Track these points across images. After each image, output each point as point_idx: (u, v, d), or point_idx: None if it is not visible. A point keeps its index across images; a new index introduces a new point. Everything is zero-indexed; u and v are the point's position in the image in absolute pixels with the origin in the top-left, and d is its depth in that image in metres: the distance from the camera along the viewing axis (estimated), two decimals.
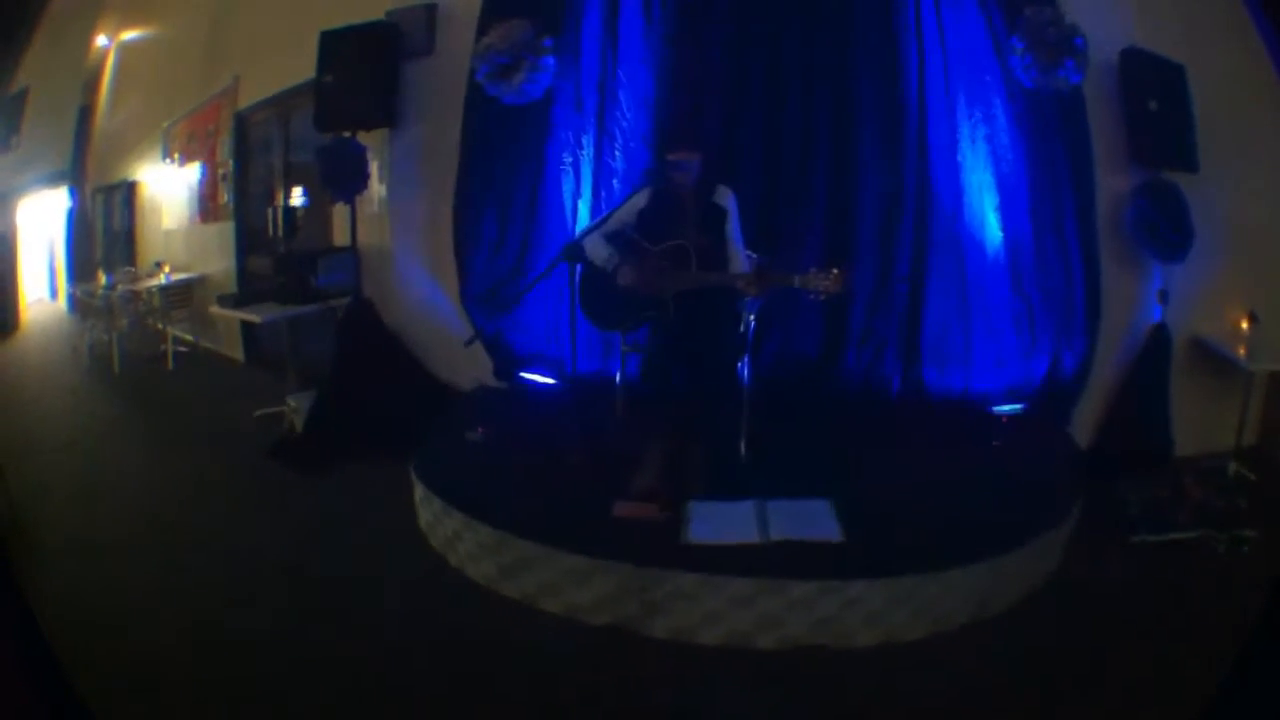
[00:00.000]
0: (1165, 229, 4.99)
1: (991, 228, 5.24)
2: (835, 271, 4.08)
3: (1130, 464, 5.04)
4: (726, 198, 4.53)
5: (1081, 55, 4.89)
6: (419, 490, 4.37)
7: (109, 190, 5.98)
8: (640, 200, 4.62)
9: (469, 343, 4.69)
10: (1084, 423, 5.27)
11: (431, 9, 5.38)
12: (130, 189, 5.96)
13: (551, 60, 5.10)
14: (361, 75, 5.13)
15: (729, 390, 4.54)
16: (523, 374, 5.43)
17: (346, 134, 5.18)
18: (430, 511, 4.28)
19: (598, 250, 4.55)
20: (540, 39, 5.05)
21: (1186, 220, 5.02)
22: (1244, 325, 5.10)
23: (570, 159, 5.35)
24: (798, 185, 5.28)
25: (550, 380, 5.33)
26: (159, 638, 3.58)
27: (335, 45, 5.17)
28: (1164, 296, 5.13)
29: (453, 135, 5.33)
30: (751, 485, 4.18)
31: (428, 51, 5.30)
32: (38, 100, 5.27)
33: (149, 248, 5.93)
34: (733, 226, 4.51)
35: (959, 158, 5.23)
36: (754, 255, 4.66)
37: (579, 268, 4.63)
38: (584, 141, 5.37)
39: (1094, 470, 4.92)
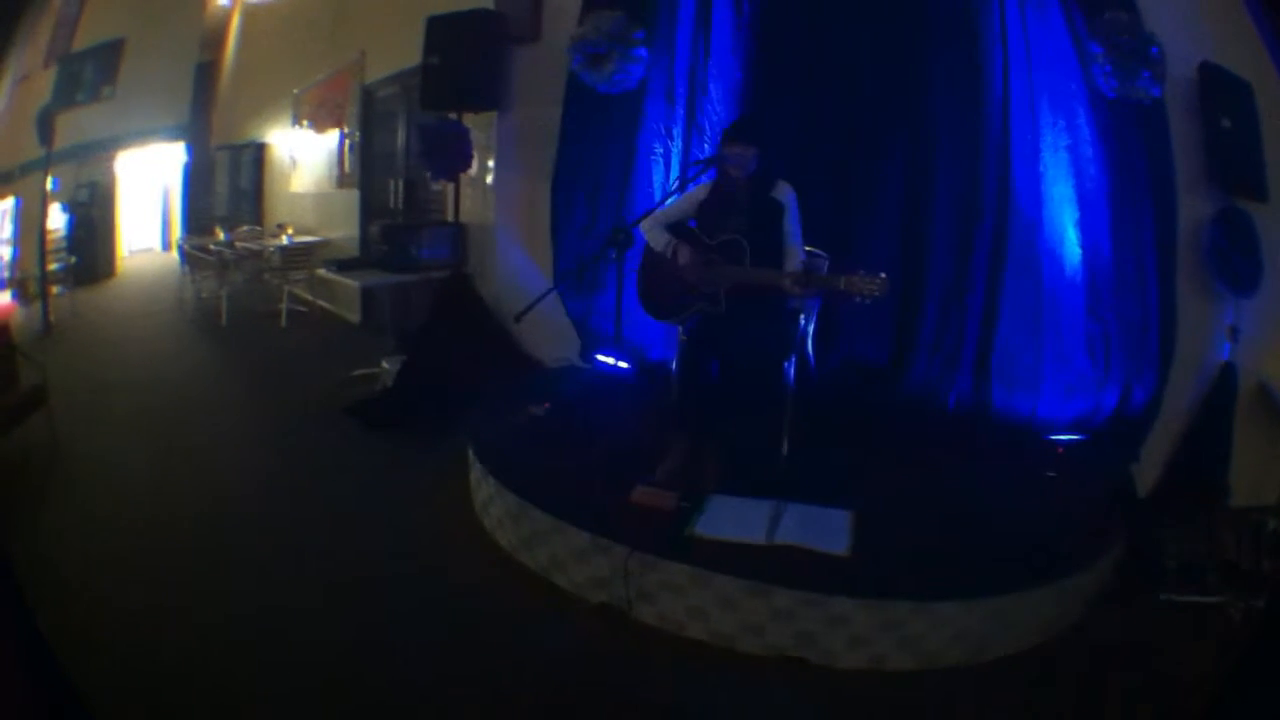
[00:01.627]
0: (1236, 259, 5.08)
1: (1070, 244, 5.48)
2: (881, 276, 4.19)
3: (1183, 512, 4.76)
4: (785, 193, 4.73)
5: (1158, 66, 5.11)
6: (470, 456, 4.79)
7: (236, 149, 6.39)
8: (701, 192, 4.83)
9: (518, 319, 4.94)
10: (1149, 463, 5.07)
11: None
12: (260, 150, 6.36)
13: (643, 51, 5.74)
14: (468, 59, 5.72)
15: (765, 388, 4.64)
16: (598, 356, 5.94)
17: (451, 115, 5.52)
18: (475, 476, 4.68)
19: (656, 238, 4.78)
20: (632, 30, 5.25)
21: (1258, 251, 4.94)
22: None
23: (661, 149, 6.00)
24: (873, 186, 5.56)
25: (624, 364, 5.79)
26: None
27: (441, 29, 5.65)
28: (1234, 334, 5.22)
29: (554, 120, 5.87)
30: (783, 486, 4.18)
31: (534, 38, 5.56)
32: (139, 52, 5.62)
33: (274, 208, 6.35)
34: (791, 222, 4.65)
35: (1040, 167, 5.45)
36: (820, 254, 4.83)
37: (637, 252, 4.68)
38: (674, 132, 5.93)
39: (1144, 515, 4.74)
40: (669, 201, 4.55)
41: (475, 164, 5.67)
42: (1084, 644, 3.55)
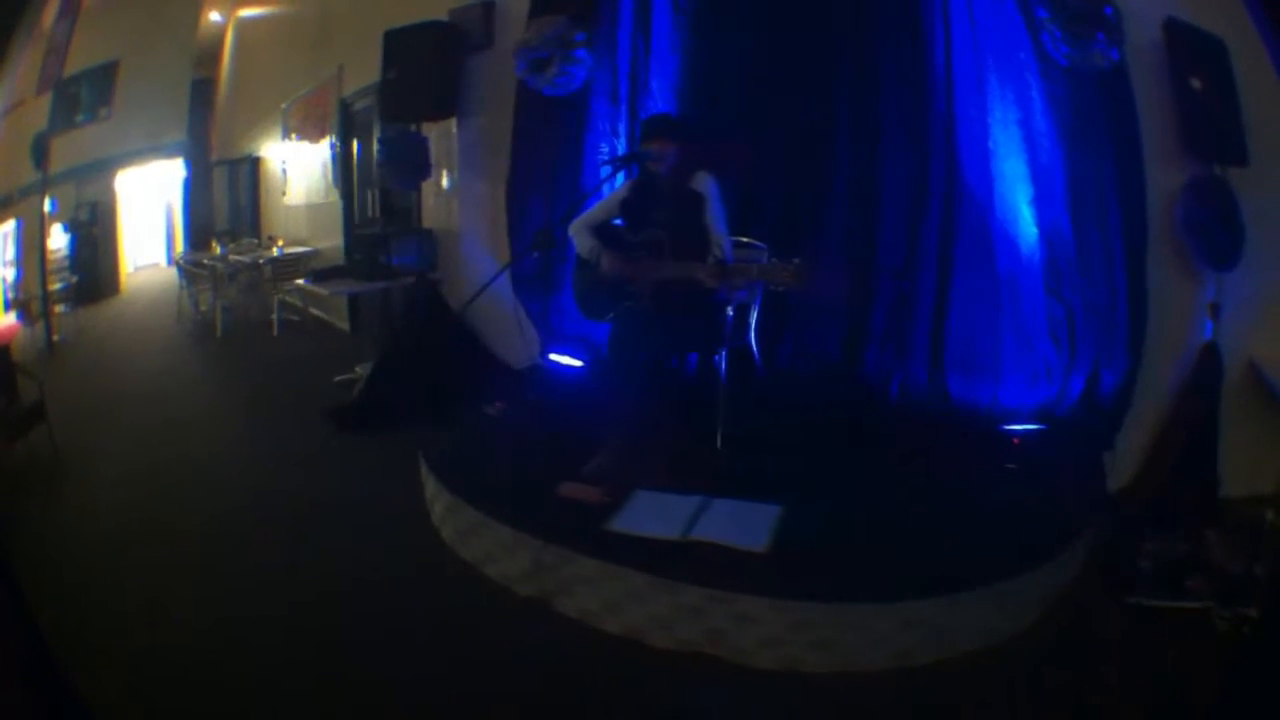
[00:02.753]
0: (1216, 229, 4.28)
1: (1026, 223, 4.74)
2: (795, 262, 3.97)
3: (1164, 506, 4.32)
4: (705, 184, 4.44)
5: (1114, 27, 4.33)
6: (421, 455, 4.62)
7: (233, 164, 6.58)
8: (623, 190, 4.67)
9: (462, 310, 5.06)
10: (1126, 452, 4.54)
11: (489, 6, 5.62)
12: (254, 164, 6.54)
13: (584, 53, 5.27)
14: (423, 70, 5.58)
15: (686, 384, 4.62)
16: (551, 355, 5.58)
17: (411, 126, 5.67)
18: (424, 473, 4.48)
19: (581, 240, 4.61)
20: (573, 33, 5.17)
21: (1238, 221, 4.25)
22: None
23: (607, 148, 5.48)
24: (817, 174, 5.03)
25: (578, 362, 5.41)
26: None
27: (398, 43, 5.65)
28: (1215, 311, 4.39)
29: (509, 125, 5.54)
30: (714, 481, 4.05)
31: (486, 46, 5.57)
32: (134, 72, 5.79)
33: (270, 221, 6.52)
34: (712, 213, 4.40)
35: (990, 144, 4.75)
36: (759, 244, 4.58)
37: (570, 253, 4.66)
38: (619, 130, 5.47)
39: (1117, 510, 4.36)
40: (592, 202, 4.61)
41: (440, 172, 5.73)
42: (1032, 652, 3.32)
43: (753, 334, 4.73)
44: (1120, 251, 4.54)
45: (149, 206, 6.43)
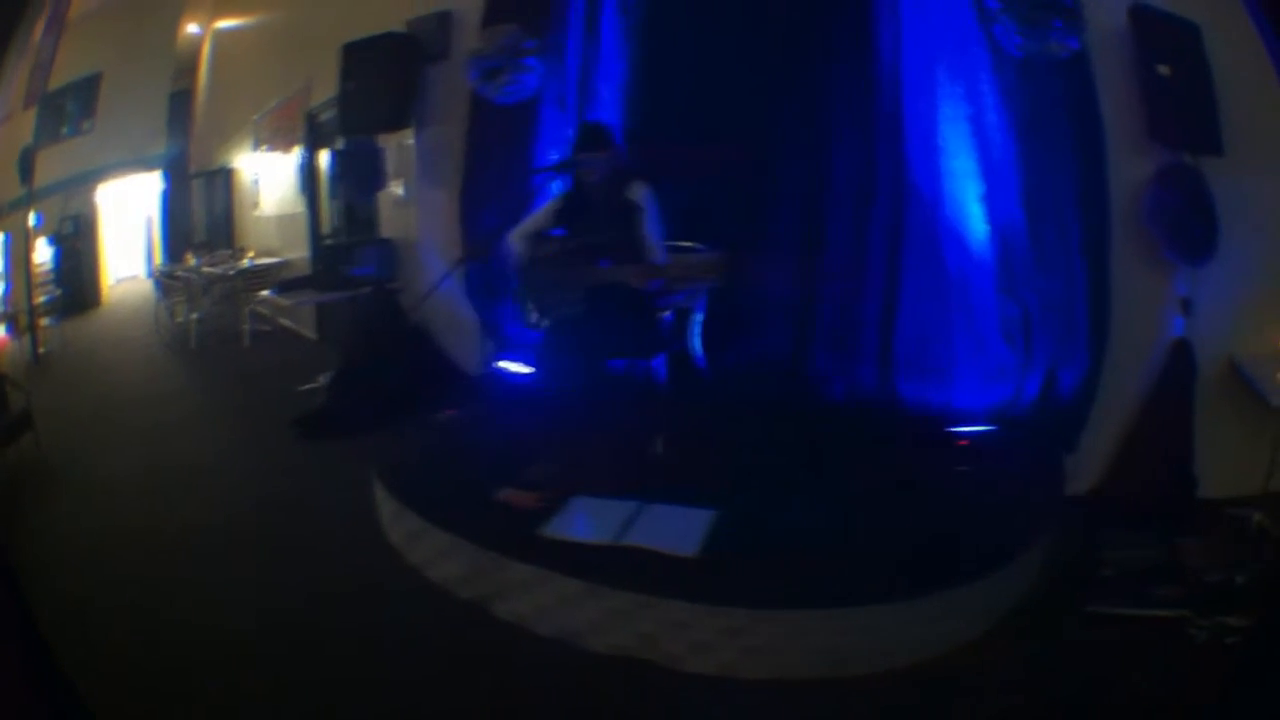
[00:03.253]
0: (1186, 221, 3.95)
1: (976, 220, 4.42)
2: (716, 255, 4.02)
3: (1134, 510, 4.02)
4: (641, 194, 4.36)
5: (1072, 14, 4.05)
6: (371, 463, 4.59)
7: (209, 176, 6.59)
8: (559, 200, 4.60)
9: (413, 310, 5.05)
10: (1090, 455, 4.27)
11: (445, 16, 5.46)
12: (229, 176, 6.56)
13: (534, 61, 5.10)
14: (379, 81, 5.42)
15: (627, 388, 4.54)
16: (503, 362, 5.42)
17: (369, 137, 5.64)
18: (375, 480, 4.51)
19: (521, 248, 4.56)
20: (523, 41, 5.08)
21: (1209, 211, 3.93)
22: None
23: (557, 155, 5.17)
24: (763, 175, 4.83)
25: (528, 369, 5.21)
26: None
27: (356, 55, 5.58)
28: (1187, 306, 4.05)
29: (464, 135, 5.44)
30: (653, 486, 4.00)
31: (443, 56, 5.52)
32: (115, 85, 5.81)
33: (243, 232, 6.53)
34: (649, 223, 4.34)
35: (938, 141, 4.48)
36: (700, 248, 4.51)
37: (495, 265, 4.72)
38: (569, 137, 5.15)
39: (1078, 514, 4.08)
40: (532, 210, 4.62)
41: (396, 182, 5.75)
42: (980, 663, 3.20)
43: (696, 337, 4.57)
44: (1079, 247, 4.27)
45: (130, 219, 6.50)
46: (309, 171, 6.08)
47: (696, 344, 4.41)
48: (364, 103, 5.50)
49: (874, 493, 3.92)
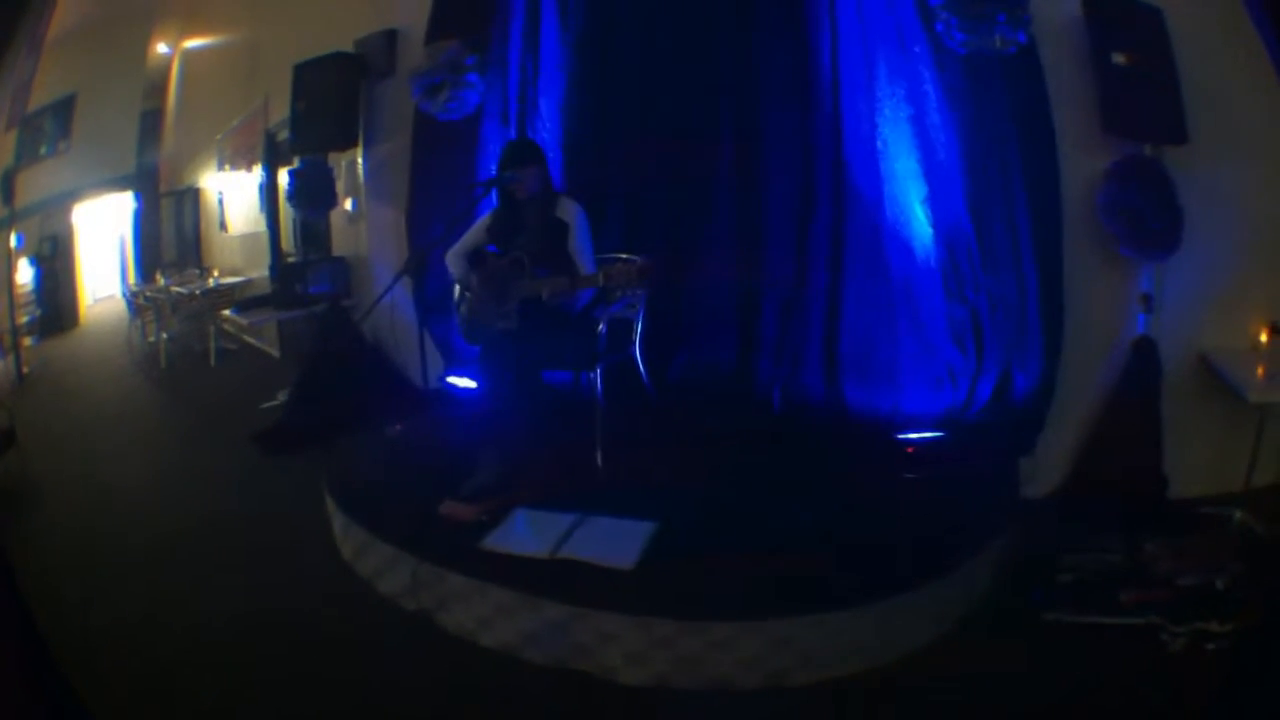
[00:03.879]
0: (1145, 214, 3.64)
1: (920, 223, 4.16)
2: (639, 261, 3.74)
3: (1097, 514, 3.76)
4: (570, 212, 4.21)
5: (1018, 8, 3.77)
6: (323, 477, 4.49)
7: (178, 195, 6.54)
8: (489, 217, 4.46)
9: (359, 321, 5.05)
10: (1048, 459, 4.05)
11: (392, 35, 5.41)
12: (196, 195, 6.53)
13: (475, 77, 4.92)
14: (328, 101, 5.43)
15: (557, 399, 4.45)
16: (450, 377, 5.38)
17: (319, 156, 5.58)
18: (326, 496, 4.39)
19: (457, 265, 4.45)
20: (464, 57, 4.96)
21: (1171, 204, 3.64)
22: (1263, 339, 3.56)
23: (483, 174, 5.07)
24: (703, 184, 4.72)
25: (473, 384, 5.09)
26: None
27: (307, 75, 5.54)
28: (1147, 302, 3.73)
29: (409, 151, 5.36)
30: (593, 499, 3.91)
31: (389, 74, 5.44)
32: (89, 106, 5.75)
33: (210, 252, 6.50)
34: (579, 240, 4.23)
35: (879, 144, 4.22)
36: (634, 259, 4.18)
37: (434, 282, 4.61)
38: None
39: (1033, 518, 3.86)
40: (465, 227, 4.62)
41: (346, 200, 5.88)
42: (922, 672, 3.14)
43: (637, 348, 4.38)
44: (1031, 247, 4.02)
45: (106, 239, 6.48)
46: (269, 190, 6.04)
47: (638, 354, 4.31)
48: (313, 122, 5.39)
49: (820, 501, 3.80)
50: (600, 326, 4.16)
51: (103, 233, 6.27)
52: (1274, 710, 2.58)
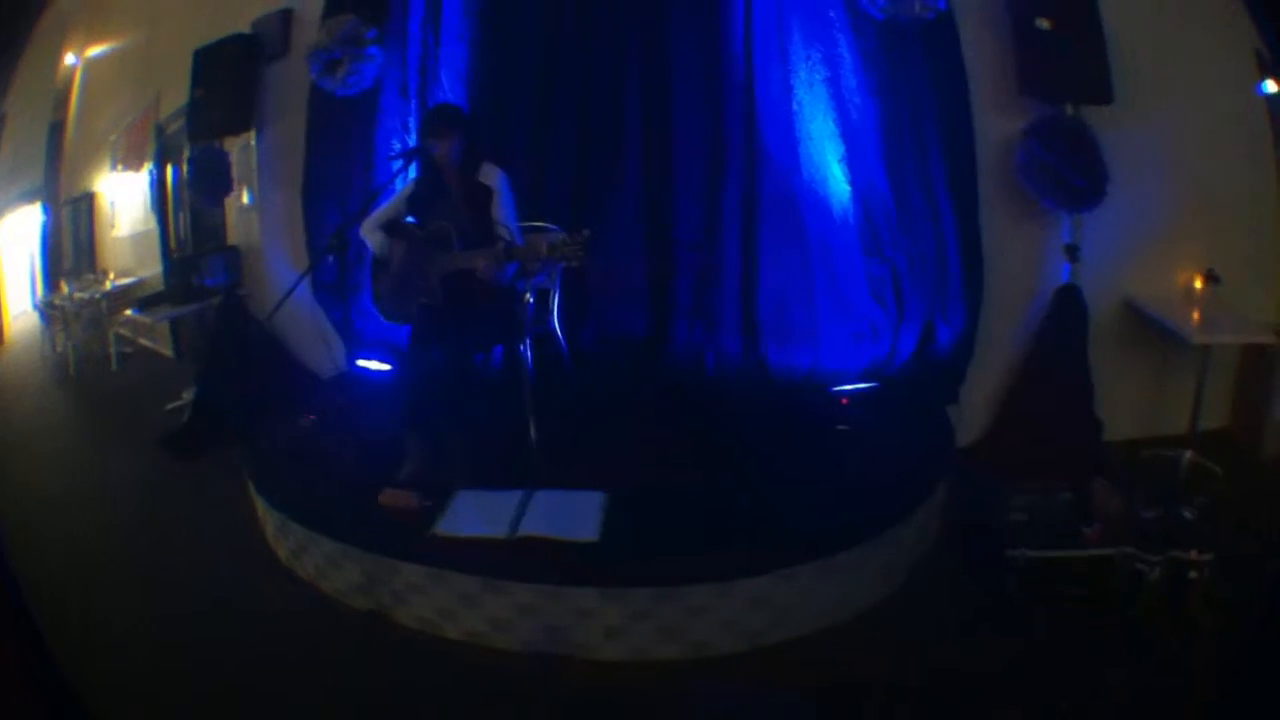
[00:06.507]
0: (1067, 172, 3.55)
1: (837, 182, 3.97)
2: (584, 234, 3.60)
3: (1034, 457, 3.70)
4: (493, 177, 3.91)
5: None
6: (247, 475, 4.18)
7: (76, 202, 6.14)
8: (410, 186, 4.12)
9: (268, 318, 4.54)
10: (974, 407, 3.95)
11: (287, 14, 5.05)
12: (91, 200, 6.13)
13: (375, 50, 4.65)
14: (224, 85, 4.92)
15: (493, 376, 4.25)
16: (359, 361, 5.08)
17: (215, 142, 5.21)
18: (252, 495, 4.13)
19: (374, 240, 4.12)
20: (364, 31, 4.69)
21: (1094, 161, 3.61)
22: (1197, 285, 3.59)
23: (399, 144, 4.83)
24: (611, 150, 4.49)
25: (386, 366, 4.91)
26: None
27: (206, 60, 5.12)
28: (1073, 253, 3.69)
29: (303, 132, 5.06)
30: (533, 474, 3.70)
31: (283, 54, 5.14)
32: (15, 122, 5.40)
33: (106, 256, 6.11)
34: (502, 206, 3.92)
35: (793, 105, 4.03)
36: (553, 228, 4.11)
37: (366, 257, 4.29)
38: (409, 125, 4.86)
39: (973, 467, 3.76)
40: (383, 200, 4.34)
41: (242, 187, 5.56)
42: (887, 618, 3.09)
43: (555, 319, 4.17)
44: (948, 204, 3.92)
45: (19, 253, 6.08)
46: (159, 185, 5.66)
47: (556, 325, 4.06)
48: (209, 108, 5.09)
49: (757, 461, 3.66)
50: (529, 298, 3.98)
51: (20, 247, 5.89)
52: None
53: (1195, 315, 3.47)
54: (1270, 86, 3.66)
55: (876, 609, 3.13)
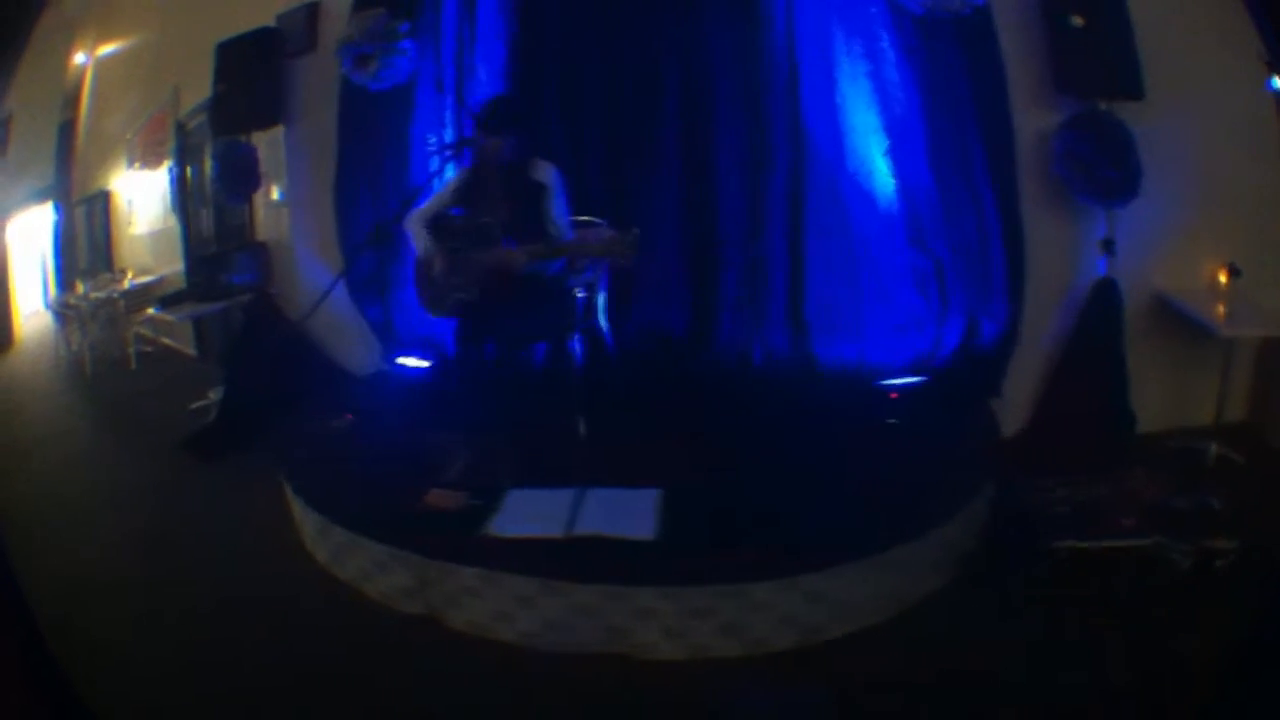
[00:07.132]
0: (1102, 167, 3.58)
1: (882, 175, 3.96)
2: (634, 231, 3.47)
3: (1070, 450, 3.68)
4: (546, 173, 3.85)
5: None
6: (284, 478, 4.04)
7: (90, 201, 6.06)
8: (460, 179, 4.05)
9: (303, 319, 4.46)
10: (1017, 400, 3.95)
11: (312, 7, 4.89)
12: (106, 198, 6.04)
13: (409, 44, 4.61)
14: (249, 79, 5.00)
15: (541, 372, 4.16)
16: (399, 359, 4.91)
17: (241, 137, 5.09)
18: (288, 495, 4.01)
19: (420, 235, 4.06)
20: (396, 24, 4.62)
21: (1129, 155, 3.59)
22: (1222, 280, 3.55)
23: (435, 138, 4.69)
24: (653, 145, 4.42)
25: (426, 364, 4.77)
26: None
27: (229, 54, 5.11)
28: (1109, 246, 3.68)
29: (335, 127, 5.00)
30: (584, 472, 3.57)
31: (310, 48, 5.05)
32: (21, 121, 5.32)
33: (124, 254, 6.01)
34: (555, 203, 3.86)
35: (837, 99, 4.00)
36: (598, 221, 4.09)
37: (407, 251, 4.28)
38: (446, 119, 4.70)
39: (1014, 460, 3.75)
40: (429, 194, 4.33)
41: (270, 182, 5.42)
42: (945, 613, 3.04)
43: (602, 315, 4.12)
44: (990, 197, 3.92)
45: (33, 253, 5.93)
46: (180, 182, 5.54)
47: (603, 321, 3.98)
48: (235, 102, 4.99)
49: (809, 454, 3.61)
50: (579, 294, 3.92)
51: (31, 248, 5.75)
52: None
53: (1220, 309, 3.53)
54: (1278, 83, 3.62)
55: (926, 603, 3.12)
